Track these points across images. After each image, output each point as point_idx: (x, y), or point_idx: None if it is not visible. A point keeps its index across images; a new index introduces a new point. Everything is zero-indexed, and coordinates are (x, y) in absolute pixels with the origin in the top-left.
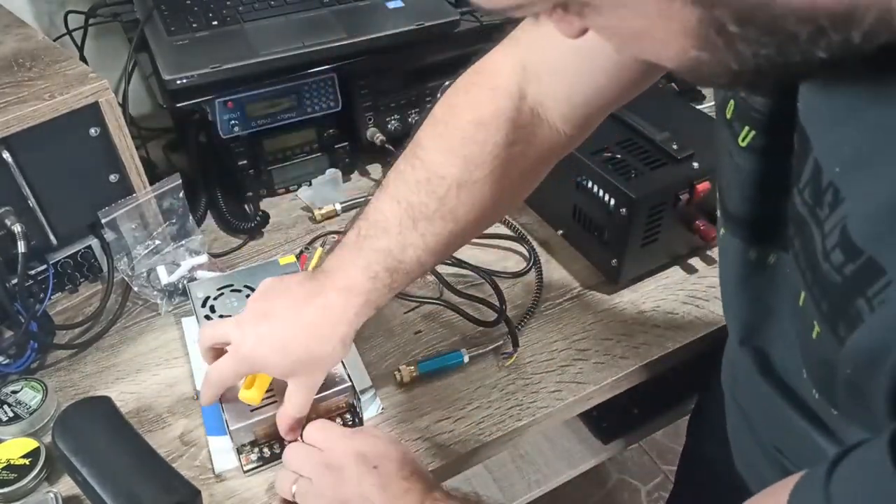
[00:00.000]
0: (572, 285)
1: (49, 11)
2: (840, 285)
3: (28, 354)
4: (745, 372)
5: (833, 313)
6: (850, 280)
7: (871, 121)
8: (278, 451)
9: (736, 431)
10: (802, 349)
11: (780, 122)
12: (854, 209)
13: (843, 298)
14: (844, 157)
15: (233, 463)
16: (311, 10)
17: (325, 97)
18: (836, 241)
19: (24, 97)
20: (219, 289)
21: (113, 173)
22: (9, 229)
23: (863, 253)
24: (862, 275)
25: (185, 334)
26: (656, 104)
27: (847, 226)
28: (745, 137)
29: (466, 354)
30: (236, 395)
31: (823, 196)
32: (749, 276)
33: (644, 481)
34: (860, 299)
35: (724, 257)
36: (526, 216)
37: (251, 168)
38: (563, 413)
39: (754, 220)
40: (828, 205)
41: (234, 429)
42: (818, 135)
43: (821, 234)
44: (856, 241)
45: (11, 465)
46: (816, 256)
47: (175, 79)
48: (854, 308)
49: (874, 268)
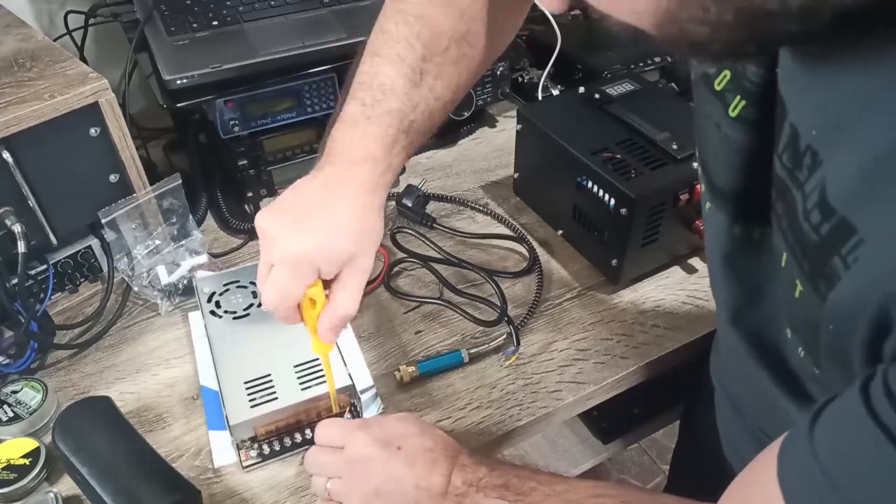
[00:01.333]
0: (572, 285)
1: (49, 11)
2: (818, 244)
3: (28, 354)
4: (733, 354)
5: (813, 272)
6: (825, 239)
7: (847, 86)
8: (278, 448)
9: (725, 420)
10: (787, 309)
11: (772, 93)
12: (831, 171)
13: (820, 257)
14: (822, 121)
15: (232, 458)
16: (311, 10)
17: (325, 97)
18: (815, 201)
19: (24, 97)
20: (225, 284)
21: (113, 173)
22: (9, 229)
23: (836, 212)
24: (836, 234)
25: (191, 329)
26: (656, 104)
27: (825, 187)
28: (735, 107)
29: (466, 354)
30: (236, 388)
31: (802, 159)
32: (734, 253)
33: (644, 481)
34: (835, 258)
35: (709, 235)
36: (526, 216)
37: (251, 168)
38: (563, 413)
39: (740, 193)
40: (807, 167)
41: (234, 424)
42: (794, 100)
43: (802, 196)
44: (831, 202)
45: (11, 465)
46: (797, 217)
47: (175, 79)
48: (830, 266)
49: (847, 227)
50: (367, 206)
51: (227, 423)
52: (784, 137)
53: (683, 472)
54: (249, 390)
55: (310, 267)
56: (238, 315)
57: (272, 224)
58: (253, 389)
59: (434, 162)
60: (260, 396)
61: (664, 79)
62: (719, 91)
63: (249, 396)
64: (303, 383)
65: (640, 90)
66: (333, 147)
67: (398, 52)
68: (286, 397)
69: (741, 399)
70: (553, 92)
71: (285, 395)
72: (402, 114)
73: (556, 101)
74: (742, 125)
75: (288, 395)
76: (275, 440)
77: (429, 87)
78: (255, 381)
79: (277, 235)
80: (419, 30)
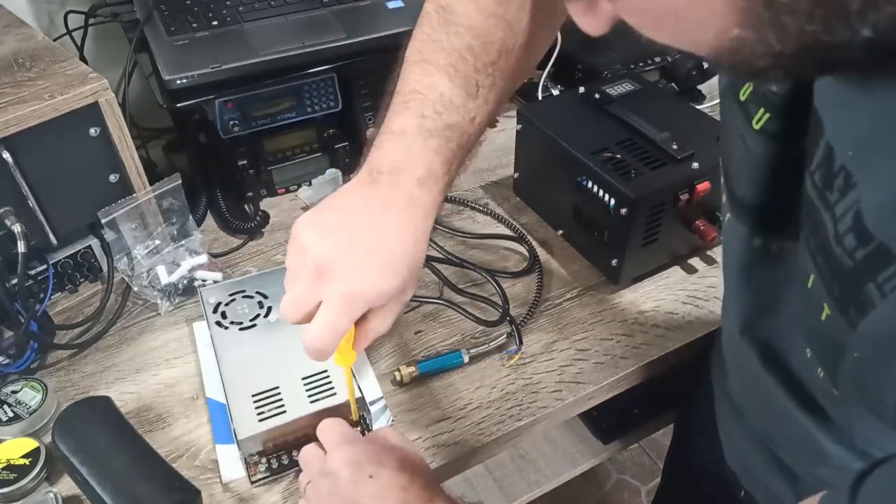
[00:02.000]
0: (572, 285)
1: (49, 11)
2: (851, 270)
3: (28, 354)
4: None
5: (844, 297)
6: (861, 265)
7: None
8: (287, 462)
9: (726, 424)
10: (809, 329)
11: (796, 106)
12: (867, 194)
13: (854, 283)
14: (858, 141)
15: (241, 473)
16: (311, 10)
17: (325, 97)
18: (850, 225)
19: (24, 97)
20: (230, 294)
21: (113, 173)
22: (9, 229)
23: (874, 239)
24: (873, 260)
25: (196, 339)
26: (656, 104)
27: (860, 210)
28: (759, 120)
29: (466, 354)
30: (243, 402)
31: (834, 180)
32: (752, 265)
33: (644, 481)
34: (871, 284)
35: (727, 245)
36: (526, 216)
37: (251, 168)
38: (563, 413)
39: (762, 206)
40: (838, 189)
41: (242, 438)
42: (832, 118)
43: (832, 219)
44: (868, 227)
45: (11, 465)
46: (828, 240)
47: (175, 79)
48: (864, 293)
49: (885, 254)
50: (421, 236)
51: (235, 437)
52: (818, 156)
53: (677, 473)
54: (257, 403)
55: (364, 306)
56: (244, 326)
57: (325, 251)
58: (261, 402)
59: None
60: (268, 410)
61: (664, 79)
62: (743, 102)
63: (257, 410)
64: (311, 396)
65: (640, 90)
66: (390, 159)
67: (452, 63)
68: (294, 410)
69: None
70: (553, 92)
71: (294, 407)
72: (462, 128)
73: (556, 101)
74: (765, 138)
75: (296, 408)
76: (283, 454)
77: (483, 99)
78: (262, 394)
79: (335, 269)
80: (470, 41)
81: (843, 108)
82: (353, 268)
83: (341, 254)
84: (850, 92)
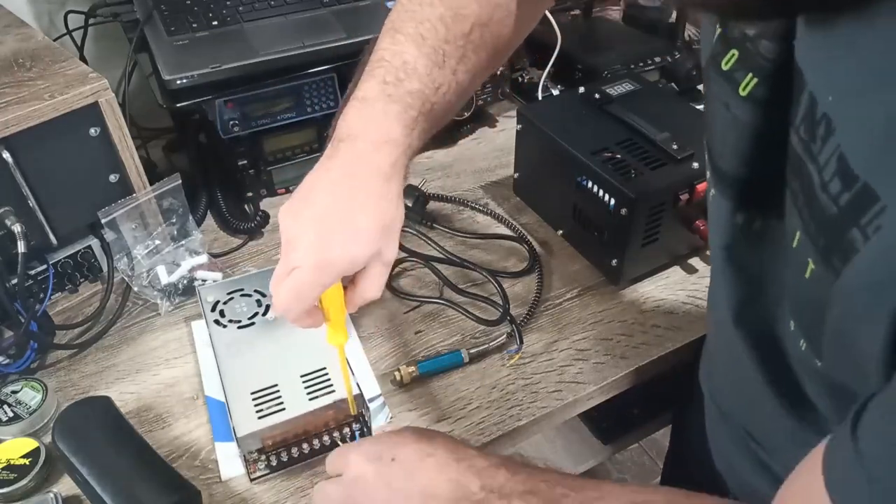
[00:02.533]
0: (572, 285)
1: (49, 11)
2: (836, 216)
3: (28, 354)
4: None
5: (828, 247)
6: (844, 209)
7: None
8: (286, 459)
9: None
10: (793, 295)
11: (784, 72)
12: (848, 137)
13: (838, 230)
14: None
15: (240, 470)
16: (311, 10)
17: (325, 97)
18: (834, 169)
19: (24, 97)
20: (228, 293)
21: (113, 173)
22: (9, 229)
23: (858, 179)
24: (857, 203)
25: (194, 339)
26: (656, 104)
27: (843, 154)
28: (746, 86)
29: (466, 354)
30: (242, 400)
31: (817, 129)
32: (735, 243)
33: (644, 481)
34: (854, 229)
35: (712, 224)
36: (526, 216)
37: (251, 168)
38: (563, 413)
39: (746, 178)
40: (820, 137)
41: (241, 436)
42: (811, 70)
43: (817, 168)
44: (852, 167)
45: (11, 465)
46: (814, 190)
47: (175, 79)
48: (848, 239)
49: (868, 194)
50: (386, 197)
51: (234, 434)
52: (801, 110)
53: (675, 473)
54: (256, 401)
55: (332, 274)
56: (243, 324)
57: (293, 227)
58: (260, 400)
59: (434, 162)
60: (267, 407)
61: (664, 79)
62: (727, 71)
63: (256, 407)
64: (310, 393)
65: (640, 90)
66: (349, 126)
67: (421, 32)
68: (294, 407)
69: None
70: (553, 92)
71: (293, 405)
72: (424, 95)
73: (556, 101)
74: (752, 104)
75: (295, 406)
76: (282, 451)
77: (451, 70)
78: (261, 392)
79: (298, 241)
80: (443, 11)
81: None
82: (316, 237)
83: (306, 226)
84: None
